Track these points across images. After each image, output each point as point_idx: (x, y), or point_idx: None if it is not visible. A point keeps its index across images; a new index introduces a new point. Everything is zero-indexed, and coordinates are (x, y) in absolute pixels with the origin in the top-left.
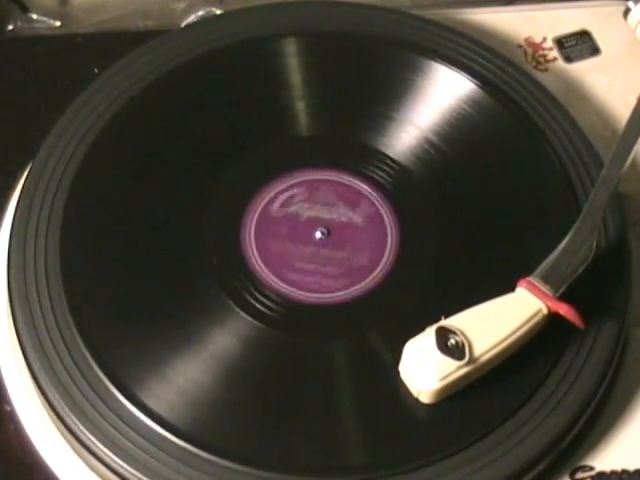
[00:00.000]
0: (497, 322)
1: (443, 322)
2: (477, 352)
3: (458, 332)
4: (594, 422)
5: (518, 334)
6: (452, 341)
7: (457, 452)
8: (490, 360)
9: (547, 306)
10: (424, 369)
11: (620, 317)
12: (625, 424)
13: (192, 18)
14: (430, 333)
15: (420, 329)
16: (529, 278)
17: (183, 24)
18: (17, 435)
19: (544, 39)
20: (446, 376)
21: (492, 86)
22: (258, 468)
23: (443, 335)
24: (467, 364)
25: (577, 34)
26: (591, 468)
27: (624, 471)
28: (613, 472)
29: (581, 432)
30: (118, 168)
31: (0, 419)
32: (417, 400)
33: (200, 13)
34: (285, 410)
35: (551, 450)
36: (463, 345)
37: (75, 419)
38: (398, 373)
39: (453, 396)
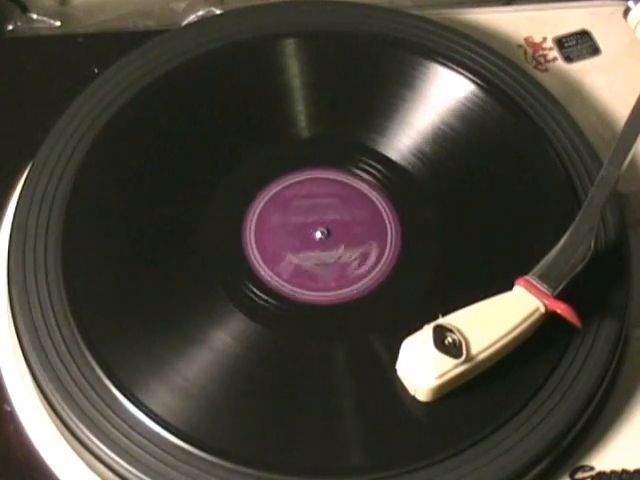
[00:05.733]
0: (494, 320)
1: (440, 320)
2: (474, 350)
3: (455, 330)
4: (594, 422)
5: (515, 333)
6: (449, 339)
7: (457, 452)
8: (487, 358)
9: (544, 305)
10: (421, 367)
11: (620, 317)
12: (625, 424)
13: (192, 18)
14: (427, 331)
15: (419, 329)
16: (526, 277)
17: (183, 24)
18: (17, 435)
19: (544, 39)
20: (443, 374)
21: (492, 86)
22: (258, 468)
23: (440, 333)
24: (464, 362)
25: (577, 34)
26: (591, 468)
27: (624, 471)
28: (613, 472)
29: (581, 432)
30: (118, 168)
31: (0, 419)
32: (414, 398)
33: (200, 13)
34: (285, 410)
35: (551, 450)
36: (460, 343)
37: (75, 419)
38: (396, 371)
39: (453, 396)
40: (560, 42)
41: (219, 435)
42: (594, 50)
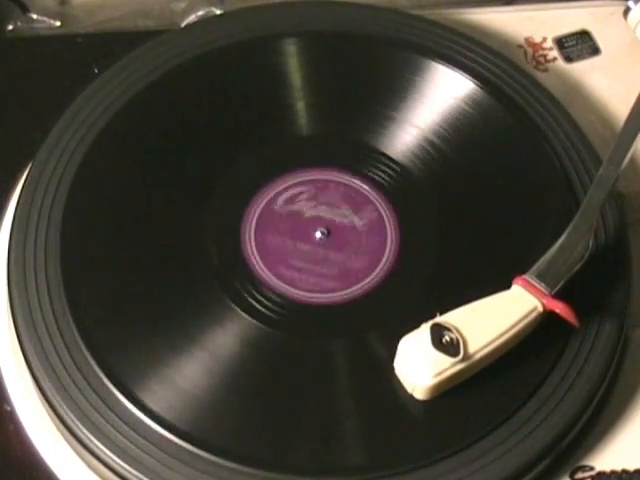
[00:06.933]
0: (492, 319)
1: (438, 319)
2: (472, 349)
3: (453, 329)
4: (594, 422)
5: (513, 332)
6: (447, 338)
7: (457, 452)
8: (485, 357)
9: (542, 304)
10: (418, 365)
11: (620, 317)
12: (625, 424)
13: (192, 18)
14: (425, 329)
15: (417, 327)
16: (525, 276)
17: (183, 24)
18: (17, 435)
19: (544, 39)
20: (440, 372)
21: (492, 86)
22: (257, 468)
23: (438, 331)
24: (461, 361)
25: (577, 34)
26: (591, 468)
27: (624, 471)
28: (613, 472)
29: (581, 432)
30: (118, 168)
31: (0, 419)
32: (412, 397)
33: (200, 13)
34: (284, 410)
35: (551, 450)
36: (458, 342)
37: (75, 419)
38: (393, 370)
39: (452, 395)
40: (560, 42)
41: (219, 435)
42: (594, 50)
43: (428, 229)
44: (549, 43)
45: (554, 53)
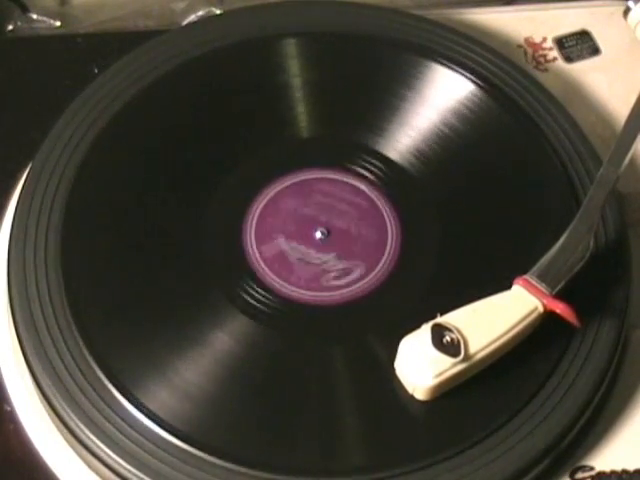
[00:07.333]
0: (493, 320)
1: (439, 319)
2: (472, 349)
3: (453, 329)
4: (594, 422)
5: (514, 332)
6: (447, 338)
7: (456, 452)
8: (485, 357)
9: (543, 304)
10: (419, 366)
11: (620, 317)
12: (625, 424)
13: (192, 18)
14: (426, 330)
15: (418, 328)
16: (525, 276)
17: (183, 24)
18: (17, 435)
19: (544, 39)
20: (441, 373)
21: (492, 86)
22: (257, 469)
23: (438, 332)
24: (462, 361)
25: (577, 34)
26: (591, 468)
27: (624, 471)
28: (613, 472)
29: (581, 432)
30: (118, 168)
31: (0, 419)
32: (412, 397)
33: (200, 13)
34: (284, 411)
35: (551, 450)
36: (458, 342)
37: (75, 419)
38: (394, 370)
39: (452, 395)
40: (560, 42)
41: (219, 435)
42: (594, 50)
43: (429, 229)
44: (549, 43)
45: (554, 53)
